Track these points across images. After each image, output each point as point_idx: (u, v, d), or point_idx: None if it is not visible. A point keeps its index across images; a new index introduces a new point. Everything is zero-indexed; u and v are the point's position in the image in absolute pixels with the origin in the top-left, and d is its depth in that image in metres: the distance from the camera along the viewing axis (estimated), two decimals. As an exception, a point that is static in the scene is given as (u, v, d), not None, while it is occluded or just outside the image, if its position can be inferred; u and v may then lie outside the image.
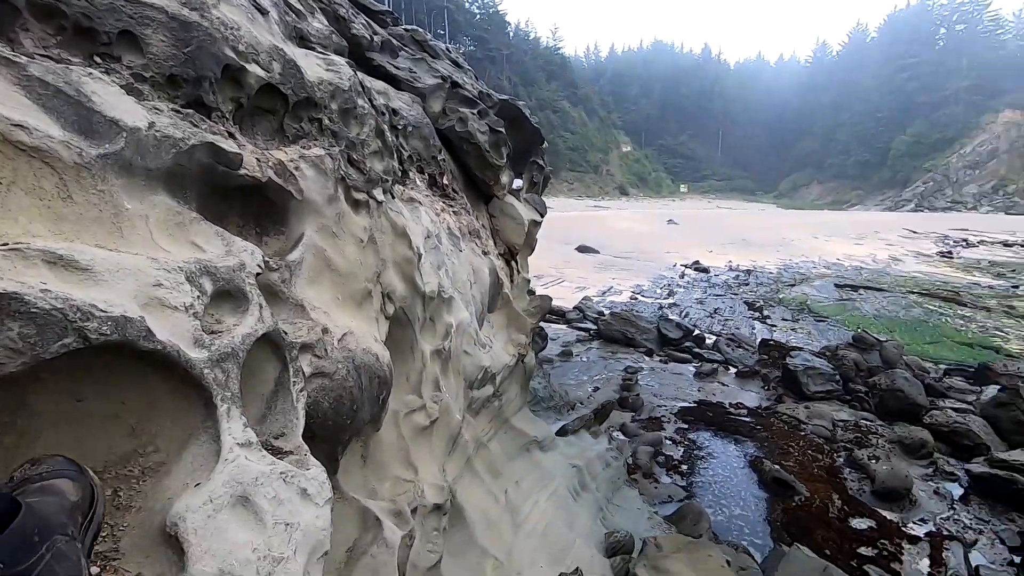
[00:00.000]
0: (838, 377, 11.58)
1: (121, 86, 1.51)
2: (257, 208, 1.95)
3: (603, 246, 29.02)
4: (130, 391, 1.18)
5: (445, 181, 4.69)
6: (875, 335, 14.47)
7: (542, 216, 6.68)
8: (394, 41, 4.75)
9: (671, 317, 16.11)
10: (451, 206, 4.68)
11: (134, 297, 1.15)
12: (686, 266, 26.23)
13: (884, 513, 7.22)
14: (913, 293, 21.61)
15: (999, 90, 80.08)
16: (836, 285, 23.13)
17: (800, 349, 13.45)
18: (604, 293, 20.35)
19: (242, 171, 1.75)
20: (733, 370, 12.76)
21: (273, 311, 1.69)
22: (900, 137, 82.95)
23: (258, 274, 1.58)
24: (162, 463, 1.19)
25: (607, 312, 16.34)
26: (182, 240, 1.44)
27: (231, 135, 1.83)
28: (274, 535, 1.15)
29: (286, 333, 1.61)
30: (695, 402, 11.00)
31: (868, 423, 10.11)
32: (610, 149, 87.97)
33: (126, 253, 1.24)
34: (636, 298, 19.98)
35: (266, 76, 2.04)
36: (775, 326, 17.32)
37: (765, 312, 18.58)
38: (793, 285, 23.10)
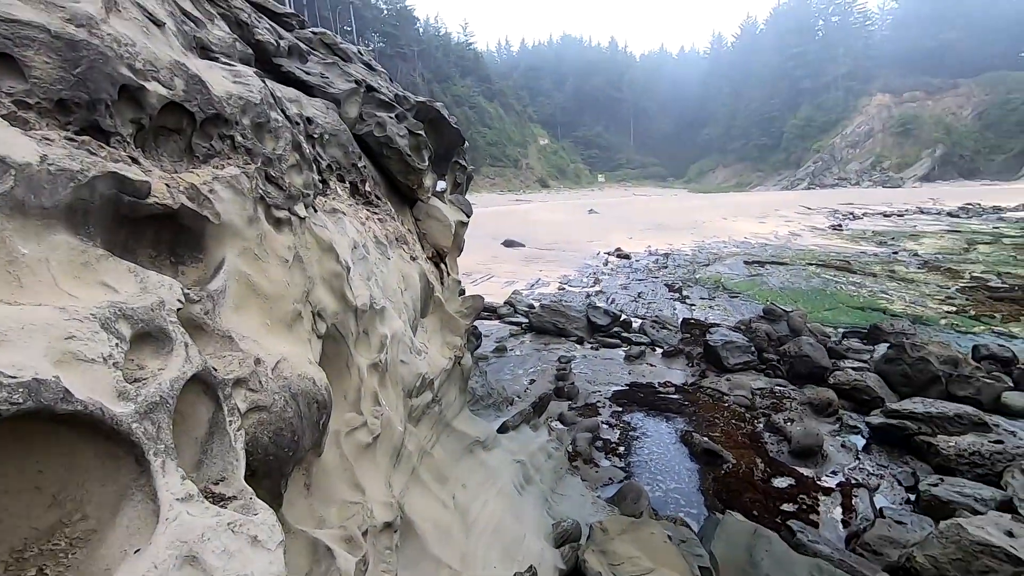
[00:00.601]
0: (753, 349, 12.42)
1: (2, 116, 1.35)
2: (170, 236, 1.82)
3: (528, 239, 29.42)
4: (49, 457, 1.07)
5: (367, 188, 4.58)
6: (782, 307, 15.64)
7: (468, 216, 6.68)
8: (302, 45, 4.56)
9: (598, 304, 16.61)
10: (375, 213, 4.58)
11: (45, 355, 1.04)
12: (609, 254, 27.12)
13: (801, 470, 7.86)
14: (811, 265, 23.56)
15: (872, 76, 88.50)
16: (745, 262, 24.77)
17: (718, 325, 14.30)
18: (533, 286, 20.66)
19: (151, 199, 1.63)
20: (659, 351, 13.35)
21: (199, 346, 1.60)
22: (791, 121, 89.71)
23: (179, 309, 1.48)
24: (93, 531, 1.09)
25: (537, 304, 16.61)
26: (90, 281, 1.32)
27: (134, 160, 1.69)
28: (227, 590, 1.09)
29: (216, 369, 1.52)
30: (627, 385, 11.43)
31: (782, 389, 10.93)
32: (528, 143, 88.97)
33: (29, 306, 1.12)
34: (564, 288, 20.44)
35: (168, 94, 1.91)
36: (694, 305, 18.30)
37: (684, 293, 19.60)
38: (707, 265, 24.50)
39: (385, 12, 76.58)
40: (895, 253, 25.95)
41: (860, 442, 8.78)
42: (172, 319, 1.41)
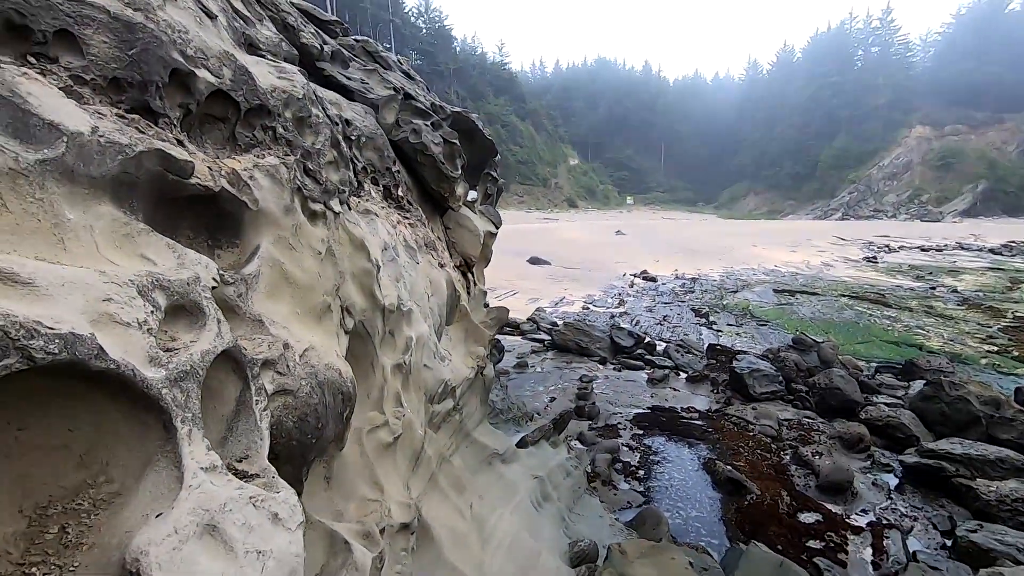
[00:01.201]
0: (781, 378, 12.09)
1: (59, 88, 1.39)
2: (209, 219, 1.84)
3: (554, 258, 29.37)
4: (79, 416, 1.07)
5: (400, 193, 4.62)
6: (812, 337, 15.23)
7: (497, 227, 6.69)
8: (345, 52, 4.66)
9: (623, 326, 16.43)
10: (407, 218, 4.61)
11: (82, 313, 1.05)
12: (635, 275, 26.89)
13: (829, 506, 7.55)
14: (844, 296, 22.94)
15: (912, 107, 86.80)
16: (775, 290, 24.27)
17: (745, 353, 13.98)
18: (557, 304, 20.55)
19: (193, 180, 1.65)
20: (683, 375, 13.10)
21: (231, 326, 1.60)
22: (827, 150, 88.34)
23: (213, 288, 1.49)
24: (117, 494, 1.08)
25: (560, 322, 16.50)
26: (130, 252, 1.34)
27: (180, 143, 1.73)
28: (246, 564, 1.06)
29: (246, 350, 1.52)
30: (649, 408, 11.21)
31: (810, 421, 10.58)
32: (558, 162, 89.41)
33: (71, 267, 1.13)
34: (588, 308, 20.29)
35: (216, 82, 1.95)
36: (721, 331, 17.95)
37: (711, 318, 19.26)
38: (736, 291, 24.07)
39: (424, 31, 78.44)
40: (933, 288, 25.11)
41: (893, 481, 8.41)
42: (207, 296, 1.41)
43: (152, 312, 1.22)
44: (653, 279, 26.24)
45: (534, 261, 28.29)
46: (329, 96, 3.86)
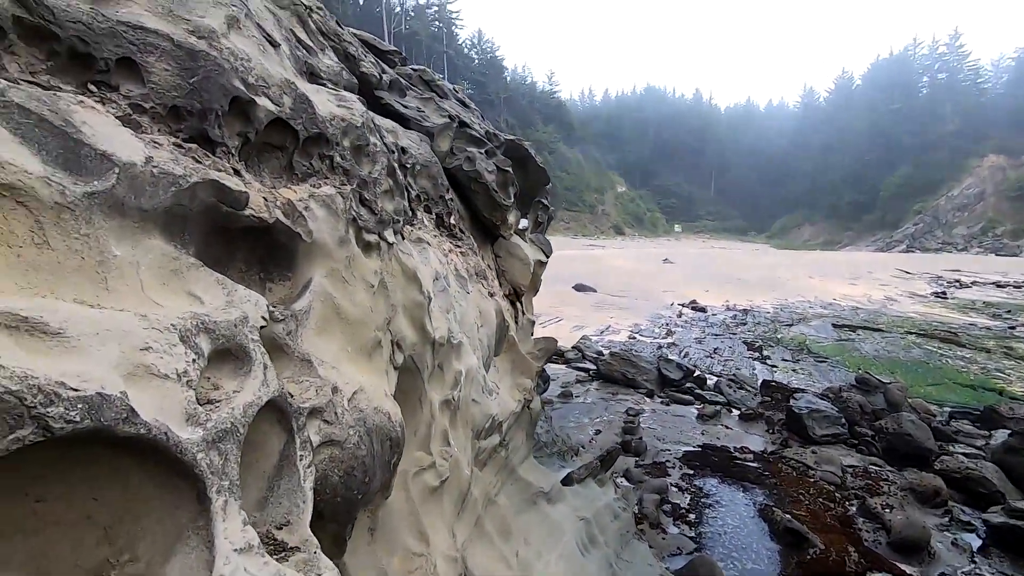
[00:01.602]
0: (843, 420, 11.32)
1: (117, 117, 1.34)
2: (262, 252, 1.77)
3: (600, 285, 28.96)
4: (104, 485, 0.96)
5: (452, 221, 4.55)
6: (877, 376, 14.26)
7: (548, 256, 6.55)
8: (402, 80, 4.69)
9: (671, 357, 15.88)
10: (458, 247, 4.52)
11: (116, 366, 0.95)
12: (683, 305, 26.14)
13: (903, 567, 6.88)
14: (911, 334, 21.52)
15: (983, 135, 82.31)
16: (834, 325, 23.03)
17: (803, 391, 13.21)
18: (602, 332, 20.13)
19: (248, 211, 1.58)
20: (736, 412, 12.47)
21: (278, 367, 1.49)
22: (889, 179, 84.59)
23: (262, 327, 1.39)
24: (140, 576, 0.97)
25: (606, 352, 16.10)
26: (178, 290, 1.25)
27: (237, 172, 1.66)
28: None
29: (292, 396, 1.41)
30: (699, 446, 10.68)
31: (877, 469, 9.81)
32: (605, 189, 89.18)
33: (110, 310, 1.04)
34: (635, 337, 19.77)
35: (276, 110, 1.89)
36: (776, 367, 17.10)
37: (765, 352, 18.40)
38: (791, 325, 22.99)
39: (476, 62, 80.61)
40: (1012, 328, 23.25)
41: (976, 542, 7.61)
42: (254, 336, 1.31)
43: (194, 360, 1.12)
44: (702, 309, 25.43)
45: (580, 288, 27.96)
46: (386, 124, 3.84)
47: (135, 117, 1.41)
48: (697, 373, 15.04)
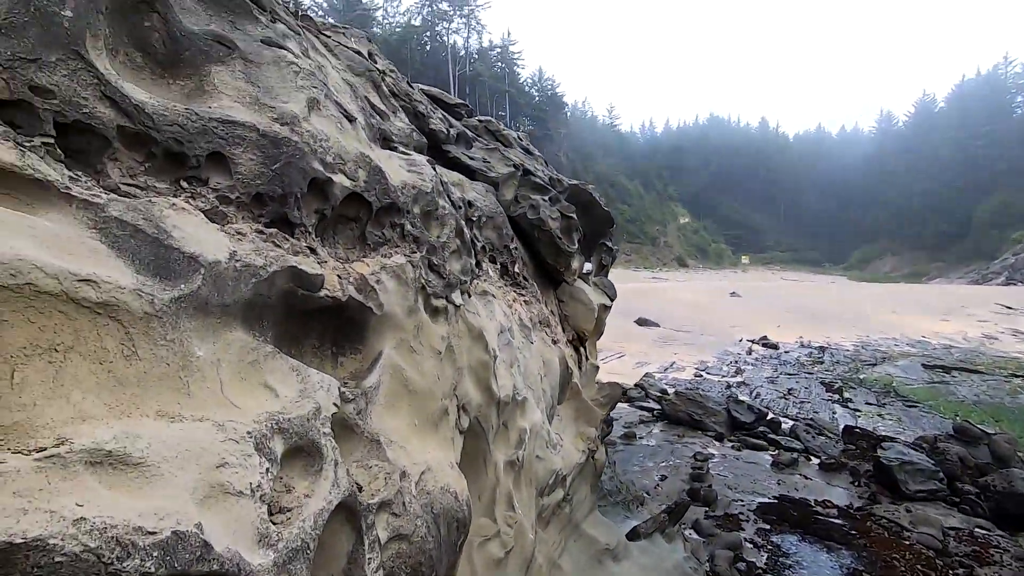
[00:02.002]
0: (941, 475, 10.24)
1: (205, 211, 1.41)
2: (335, 327, 1.79)
3: (663, 319, 28.14)
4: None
5: (516, 269, 4.53)
6: (979, 425, 12.91)
7: (612, 300, 6.41)
8: (469, 133, 4.80)
9: (741, 398, 15.08)
10: (522, 295, 4.49)
11: (193, 491, 0.96)
12: (753, 341, 24.90)
13: (1026, 657, 6.03)
14: (1017, 377, 19.45)
15: (1088, 157, 75.25)
16: (924, 365, 21.19)
17: (892, 439, 12.12)
18: (666, 369, 19.43)
19: (322, 292, 1.60)
20: (815, 461, 11.57)
21: (346, 449, 1.48)
22: (982, 207, 78.40)
23: (334, 414, 1.38)
24: None
25: (671, 391, 15.49)
26: (255, 383, 1.27)
27: (313, 250, 1.70)
28: None
29: (361, 489, 1.39)
30: (775, 497, 9.94)
31: (985, 533, 8.76)
32: (668, 221, 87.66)
33: (189, 421, 1.06)
34: (701, 375, 18.95)
35: (351, 185, 1.94)
36: (858, 411, 15.85)
37: (845, 394, 17.12)
38: (874, 364, 21.36)
39: (537, 99, 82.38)
40: None
41: (1116, 630, 6.59)
42: (326, 430, 1.31)
43: (267, 470, 1.11)
44: (774, 346, 24.14)
45: (642, 322, 27.31)
46: (453, 178, 3.91)
47: (222, 208, 1.47)
48: (771, 416, 14.17)
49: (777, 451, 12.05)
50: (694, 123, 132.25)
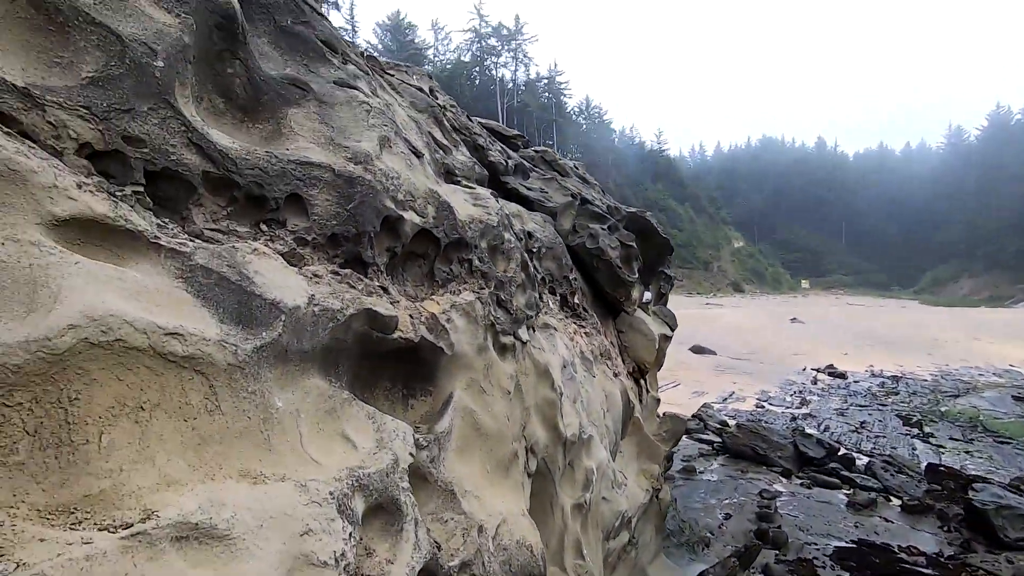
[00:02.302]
0: (1047, 522, 9.24)
1: (283, 253, 1.39)
2: (406, 369, 1.75)
3: (720, 346, 27.11)
4: None
5: (576, 300, 4.43)
6: (1087, 467, 11.64)
7: (673, 329, 6.18)
8: (526, 163, 4.79)
9: (809, 431, 14.19)
10: (583, 327, 4.37)
11: (278, 565, 0.90)
12: (818, 370, 23.56)
13: None
14: None
15: None
16: (1015, 397, 19.43)
17: (984, 480, 11.05)
18: (725, 399, 18.60)
19: (396, 334, 1.56)
20: (896, 502, 10.66)
21: (421, 499, 1.40)
22: (1070, 224, 72.61)
23: (410, 464, 1.31)
24: None
25: (732, 422, 14.78)
26: (332, 433, 1.22)
27: (385, 290, 1.66)
28: None
29: (439, 547, 1.30)
30: (853, 541, 9.18)
31: (1104, 591, 7.78)
32: (720, 245, 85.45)
33: (272, 482, 1.01)
34: (763, 406, 18.01)
35: (421, 222, 1.92)
36: (942, 447, 14.61)
37: (926, 428, 15.84)
38: (957, 396, 19.75)
39: (584, 127, 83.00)
40: None
41: None
42: (404, 484, 1.24)
43: (351, 535, 1.05)
44: (842, 375, 22.76)
45: (697, 350, 26.40)
46: (512, 209, 3.88)
47: (299, 250, 1.46)
48: (843, 451, 13.26)
49: (852, 490, 11.22)
50: (746, 145, 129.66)
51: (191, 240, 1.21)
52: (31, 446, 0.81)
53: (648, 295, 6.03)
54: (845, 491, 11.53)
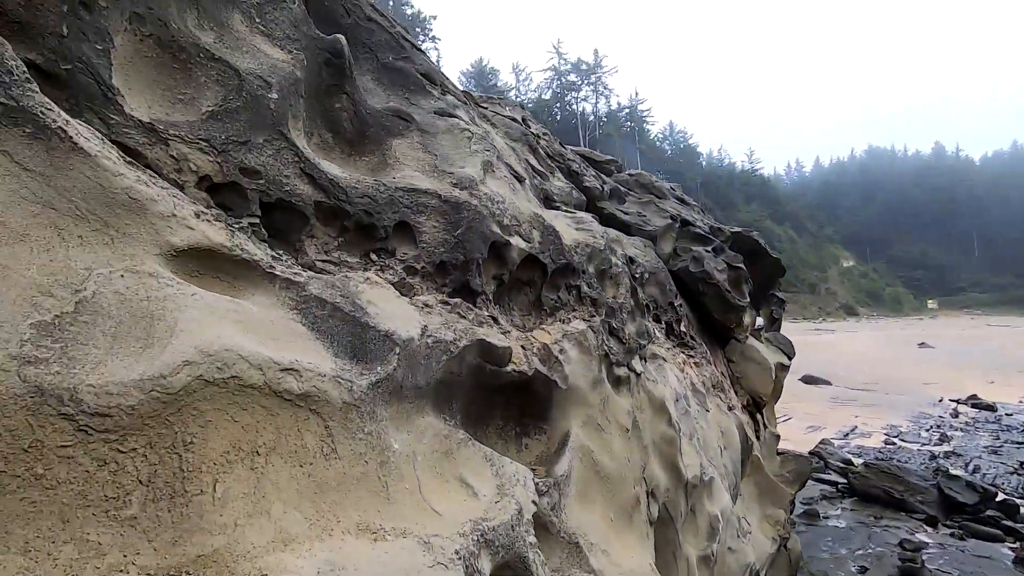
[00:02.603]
0: None
1: (394, 283, 1.33)
2: (519, 404, 1.62)
3: (835, 376, 24.75)
4: None
5: (683, 328, 4.14)
6: None
7: (790, 358, 5.64)
8: (621, 188, 4.63)
9: (954, 472, 12.39)
10: (691, 357, 4.06)
11: None
12: (958, 401, 20.76)
13: None
14: None
15: None
16: None
17: None
18: (847, 435, 16.78)
19: (510, 367, 1.44)
20: (1080, 560, 8.96)
21: (544, 553, 1.23)
22: None
23: (533, 513, 1.17)
24: None
25: (857, 460, 13.25)
26: (451, 478, 1.11)
27: (494, 319, 1.56)
28: None
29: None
30: (1028, 607, 7.77)
31: None
32: (827, 265, 79.25)
33: (393, 538, 0.91)
34: (893, 442, 16.03)
35: (527, 247, 1.81)
36: None
37: (1108, 471, 13.36)
38: None
39: (669, 153, 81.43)
40: None
41: None
42: (531, 538, 1.10)
43: (480, 601, 0.91)
44: (990, 407, 19.88)
45: (809, 380, 24.27)
46: (612, 234, 3.72)
47: (408, 280, 1.40)
48: (1001, 497, 11.42)
49: (1018, 543, 9.56)
50: (849, 157, 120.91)
51: (305, 271, 1.17)
52: (144, 498, 0.75)
53: (760, 320, 5.56)
54: (1010, 544, 9.89)
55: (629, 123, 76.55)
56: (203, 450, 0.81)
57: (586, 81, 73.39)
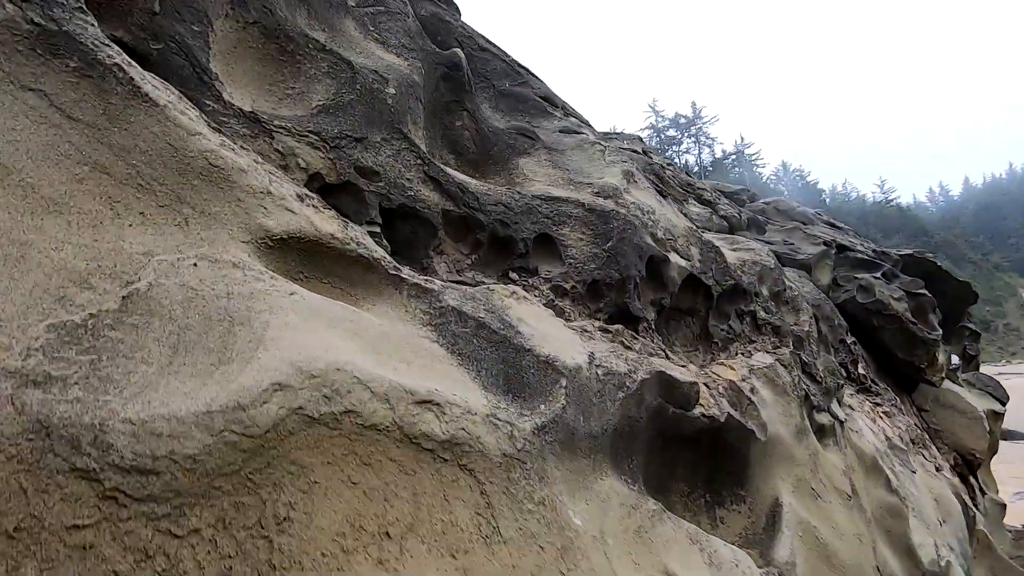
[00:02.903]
0: None
1: (544, 305, 1.06)
2: (707, 462, 1.23)
3: (1039, 429, 20.37)
4: None
5: (860, 370, 3.44)
6: None
7: (1004, 404, 4.54)
8: (759, 217, 4.13)
9: None
10: (878, 404, 3.34)
11: None
12: None
13: None
14: None
15: None
16: None
17: None
18: (1075, 503, 13.41)
19: (697, 410, 1.08)
20: None
21: None
22: None
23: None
24: None
25: (1106, 540, 10.39)
26: (652, 570, 0.75)
27: (665, 352, 1.22)
28: None
29: None
30: None
31: None
32: (1002, 299, 67.89)
33: None
34: None
35: (687, 265, 1.48)
36: None
37: None
38: None
39: (786, 193, 76.77)
40: None
41: None
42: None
43: None
44: None
45: (1006, 436, 20.15)
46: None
47: (558, 302, 1.12)
48: None
49: None
50: (1007, 173, 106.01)
51: (438, 281, 0.93)
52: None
53: (956, 360, 4.57)
54: None
55: (737, 169, 73.91)
56: (307, 532, 0.51)
57: (686, 134, 72.64)
